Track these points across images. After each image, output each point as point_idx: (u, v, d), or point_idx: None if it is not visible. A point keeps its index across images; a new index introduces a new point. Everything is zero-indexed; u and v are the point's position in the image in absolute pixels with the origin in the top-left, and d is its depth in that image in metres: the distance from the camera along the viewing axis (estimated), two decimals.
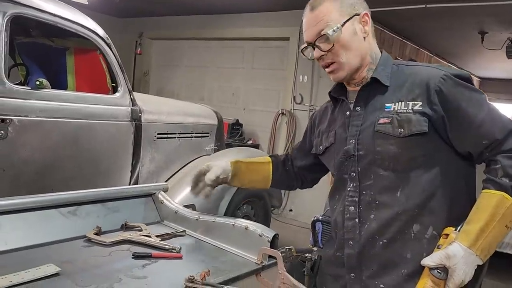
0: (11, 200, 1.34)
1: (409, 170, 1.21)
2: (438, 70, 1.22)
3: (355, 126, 1.30)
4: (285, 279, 1.24)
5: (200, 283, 1.12)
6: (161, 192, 1.72)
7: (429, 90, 1.19)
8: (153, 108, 3.01)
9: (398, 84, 1.26)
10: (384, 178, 1.23)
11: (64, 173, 2.38)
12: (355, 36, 1.26)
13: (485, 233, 1.08)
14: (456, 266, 1.07)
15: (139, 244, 1.41)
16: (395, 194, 1.22)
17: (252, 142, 5.91)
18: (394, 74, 1.29)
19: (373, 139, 1.25)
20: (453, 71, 1.22)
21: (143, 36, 7.35)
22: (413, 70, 1.27)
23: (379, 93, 1.28)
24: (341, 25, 1.23)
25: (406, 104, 1.21)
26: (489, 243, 1.09)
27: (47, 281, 1.10)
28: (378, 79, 1.28)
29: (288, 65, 5.69)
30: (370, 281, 1.26)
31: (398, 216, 1.21)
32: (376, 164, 1.24)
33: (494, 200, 1.10)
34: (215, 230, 1.50)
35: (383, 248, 1.23)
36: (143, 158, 2.90)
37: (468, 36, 5.79)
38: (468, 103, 1.18)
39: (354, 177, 1.29)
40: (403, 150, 1.20)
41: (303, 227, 4.83)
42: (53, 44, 3.03)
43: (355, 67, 1.28)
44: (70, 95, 2.45)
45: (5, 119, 2.06)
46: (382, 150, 1.23)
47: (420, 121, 1.18)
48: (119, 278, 1.16)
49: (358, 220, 1.27)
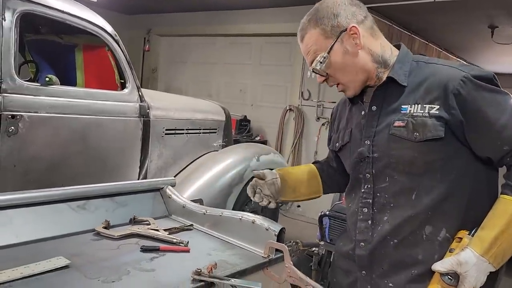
0: (22, 194, 1.37)
1: (424, 174, 1.17)
2: (458, 71, 1.15)
3: (370, 127, 1.26)
4: (292, 273, 1.25)
5: (207, 276, 1.13)
6: (169, 186, 1.74)
7: (447, 93, 1.13)
8: (161, 104, 3.03)
9: (416, 84, 1.20)
10: (399, 182, 1.20)
11: (73, 169, 2.41)
12: (347, 55, 1.21)
13: (500, 240, 1.05)
14: (468, 273, 1.05)
15: (147, 238, 1.42)
16: (410, 197, 1.19)
17: (260, 138, 5.92)
18: (412, 72, 1.23)
19: (388, 142, 1.21)
20: (475, 71, 1.15)
21: (151, 33, 7.38)
22: (432, 69, 1.20)
23: (396, 93, 1.23)
24: (328, 53, 1.20)
25: (423, 107, 1.16)
26: (503, 251, 1.06)
27: (57, 273, 1.12)
28: (394, 79, 1.22)
29: (295, 61, 5.68)
30: (380, 280, 1.25)
31: (411, 218, 1.19)
32: (391, 168, 1.21)
33: (508, 206, 1.08)
34: (222, 224, 1.51)
35: (394, 248, 1.22)
36: (151, 154, 2.92)
37: (478, 30, 5.73)
38: (489, 107, 1.12)
39: (368, 178, 1.26)
40: (418, 154, 1.16)
41: (311, 222, 4.84)
42: (62, 41, 3.06)
43: (360, 81, 1.25)
44: (79, 91, 2.48)
45: (15, 115, 2.09)
46: (397, 154, 1.19)
47: (436, 125, 1.13)
48: (128, 270, 1.17)
49: (371, 222, 1.25)
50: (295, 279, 1.25)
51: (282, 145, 5.72)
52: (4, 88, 2.06)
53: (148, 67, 7.51)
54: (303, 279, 1.25)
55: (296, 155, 5.59)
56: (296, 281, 1.26)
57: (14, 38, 2.08)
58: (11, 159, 2.12)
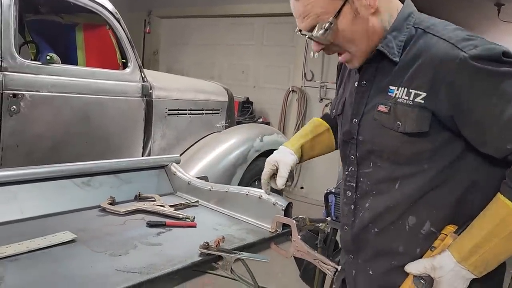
0: (26, 170, 1.36)
1: (410, 164, 1.03)
2: (456, 51, 0.92)
3: (360, 105, 1.11)
4: (299, 247, 1.24)
5: (215, 249, 1.13)
6: (173, 163, 1.73)
7: (437, 82, 0.94)
8: (164, 84, 2.99)
9: (408, 60, 1.00)
10: (383, 170, 1.08)
11: (75, 148, 2.39)
12: (358, 19, 0.99)
13: (483, 249, 0.92)
14: (442, 279, 0.95)
15: (153, 214, 1.42)
16: (393, 187, 1.06)
17: (262, 120, 5.88)
18: (409, 42, 1.01)
19: (372, 127, 1.07)
20: (478, 50, 0.92)
21: (151, 15, 7.29)
22: (429, 42, 0.99)
23: (388, 68, 1.04)
24: (335, 17, 0.97)
25: (409, 93, 0.98)
26: (487, 260, 0.93)
27: (63, 247, 1.11)
28: (384, 53, 1.02)
29: (298, 42, 5.61)
30: (364, 265, 1.16)
31: (392, 208, 1.07)
32: (375, 155, 1.08)
33: (504, 213, 0.91)
34: (228, 200, 1.50)
35: (375, 236, 1.12)
36: (154, 134, 2.90)
37: (484, 8, 5.64)
38: (490, 97, 0.91)
39: (352, 161, 1.14)
40: (402, 145, 1.01)
41: (315, 204, 4.84)
42: (62, 21, 3.02)
43: (368, 51, 1.04)
44: (80, 70, 2.45)
45: (17, 94, 2.07)
46: (380, 141, 1.06)
47: (419, 118, 0.96)
48: (134, 245, 1.17)
49: (354, 207, 1.15)
50: (302, 253, 1.25)
51: (285, 127, 5.69)
52: (5, 66, 2.03)
53: (149, 50, 7.45)
54: (310, 253, 1.24)
55: None
56: (304, 255, 1.25)
57: (13, 15, 2.04)
58: (14, 139, 2.11)
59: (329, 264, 1.21)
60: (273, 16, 5.91)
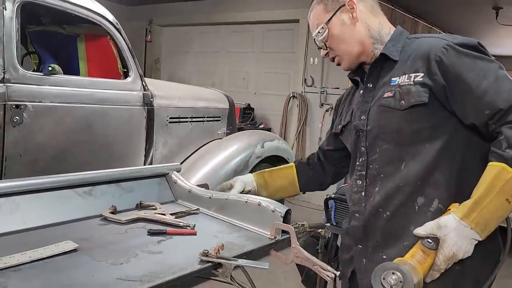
0: (29, 180, 1.37)
1: (413, 143, 1.19)
2: (441, 40, 1.18)
3: (366, 103, 1.31)
4: (299, 253, 1.25)
5: (215, 257, 1.14)
6: (174, 172, 1.74)
7: (430, 61, 1.16)
8: (165, 92, 3.02)
9: (405, 58, 1.25)
10: (388, 151, 1.23)
11: (78, 158, 2.42)
12: (345, 27, 1.29)
13: (480, 205, 1.03)
14: (447, 237, 1.03)
15: (154, 222, 1.43)
16: (399, 167, 1.21)
17: (264, 126, 5.91)
18: (405, 47, 1.27)
19: (378, 113, 1.25)
20: (458, 39, 1.18)
21: (152, 24, 7.35)
22: (419, 42, 1.25)
23: (390, 68, 1.27)
24: (326, 24, 1.29)
25: (409, 77, 1.19)
26: (486, 216, 1.03)
27: (65, 257, 1.13)
28: (386, 54, 1.27)
29: (298, 48, 5.64)
30: (375, 252, 1.26)
31: (401, 189, 1.20)
32: (381, 138, 1.25)
33: (493, 172, 1.04)
34: (228, 208, 1.51)
35: (387, 220, 1.23)
36: (156, 142, 2.93)
37: (482, 12, 5.66)
38: (470, 72, 1.12)
39: (363, 151, 1.30)
40: (405, 123, 1.19)
41: (316, 209, 4.85)
42: (63, 32, 3.05)
43: (355, 54, 1.30)
44: (82, 80, 2.48)
45: (19, 105, 2.10)
46: (385, 123, 1.23)
47: (419, 92, 1.16)
48: (135, 253, 1.18)
49: (364, 194, 1.28)
50: (302, 260, 1.26)
51: (286, 132, 5.71)
52: (8, 78, 2.06)
53: (151, 58, 7.50)
54: (310, 259, 1.25)
55: (301, 142, 5.59)
56: (303, 261, 1.26)
57: (15, 27, 2.08)
58: (17, 149, 2.13)
59: (328, 270, 1.22)
60: (273, 23, 5.95)
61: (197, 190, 1.65)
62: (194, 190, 1.66)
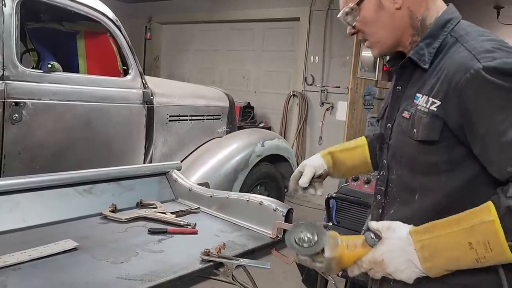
0: (29, 178, 1.36)
1: (427, 175, 1.01)
2: (473, 61, 0.90)
3: (393, 110, 1.13)
4: None
5: (216, 256, 1.13)
6: (174, 170, 1.73)
7: (450, 89, 0.93)
8: (165, 90, 3.01)
9: (436, 68, 1.00)
10: (402, 177, 1.09)
11: (78, 155, 2.41)
12: (382, 11, 1.04)
13: (438, 231, 0.89)
14: (387, 241, 0.92)
15: (154, 221, 1.42)
16: (413, 198, 1.05)
17: (264, 124, 5.89)
18: (442, 49, 1.01)
19: (397, 132, 1.09)
20: (494, 62, 0.88)
21: (152, 21, 7.32)
22: (456, 51, 0.98)
23: (419, 75, 1.05)
24: (357, 4, 1.05)
25: (427, 100, 0.98)
26: (436, 245, 0.89)
27: (65, 256, 1.12)
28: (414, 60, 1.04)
29: (298, 46, 5.63)
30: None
31: (411, 221, 1.00)
32: (396, 160, 1.10)
33: (477, 208, 0.88)
34: (229, 206, 1.50)
35: None
36: (156, 140, 2.92)
37: (483, 11, 5.65)
38: (497, 113, 0.88)
39: (384, 165, 1.16)
40: (419, 154, 1.01)
41: (317, 208, 4.84)
42: (63, 29, 3.04)
43: (389, 44, 1.08)
44: (82, 78, 2.47)
45: (19, 103, 2.09)
46: (401, 147, 1.07)
47: (431, 126, 0.96)
48: (136, 252, 1.17)
49: (382, 211, 1.16)
50: None
51: (286, 131, 5.70)
52: (7, 75, 2.05)
53: (150, 56, 7.48)
54: None
55: (301, 141, 5.57)
56: None
57: (15, 24, 2.06)
58: (16, 146, 2.12)
59: None
60: (273, 21, 5.93)
61: (197, 189, 1.65)
62: (194, 189, 1.65)
